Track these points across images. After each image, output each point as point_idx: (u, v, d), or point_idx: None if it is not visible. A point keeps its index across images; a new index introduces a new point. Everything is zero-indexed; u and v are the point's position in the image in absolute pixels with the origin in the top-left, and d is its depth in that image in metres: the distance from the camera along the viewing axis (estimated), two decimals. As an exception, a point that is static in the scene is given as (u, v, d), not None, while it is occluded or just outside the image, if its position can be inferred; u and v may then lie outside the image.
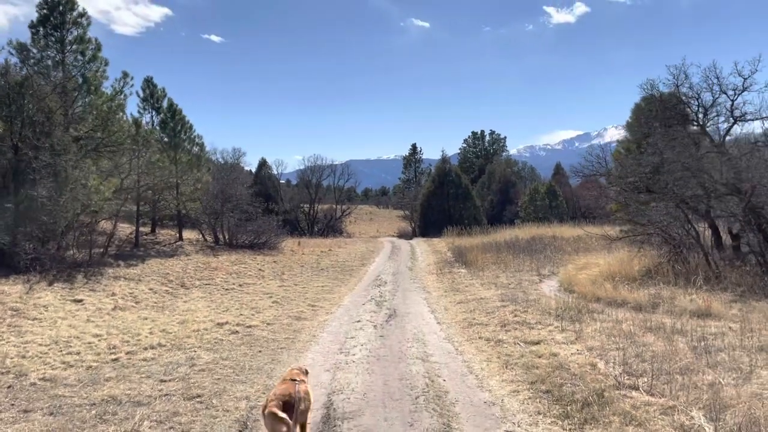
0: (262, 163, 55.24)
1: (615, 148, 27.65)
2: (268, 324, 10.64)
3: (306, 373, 5.32)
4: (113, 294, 14.06)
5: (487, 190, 57.18)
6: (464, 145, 74.53)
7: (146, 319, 11.26)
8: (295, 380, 4.87)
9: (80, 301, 13.08)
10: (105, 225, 21.80)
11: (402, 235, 48.63)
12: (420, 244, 33.12)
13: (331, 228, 52.69)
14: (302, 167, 59.58)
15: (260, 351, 8.37)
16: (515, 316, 10.26)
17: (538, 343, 8.07)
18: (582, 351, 7.40)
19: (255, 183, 50.00)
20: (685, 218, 13.33)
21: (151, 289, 15.20)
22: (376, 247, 31.46)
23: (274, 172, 57.40)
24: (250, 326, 10.37)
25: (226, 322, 10.63)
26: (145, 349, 8.44)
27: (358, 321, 10.78)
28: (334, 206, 57.11)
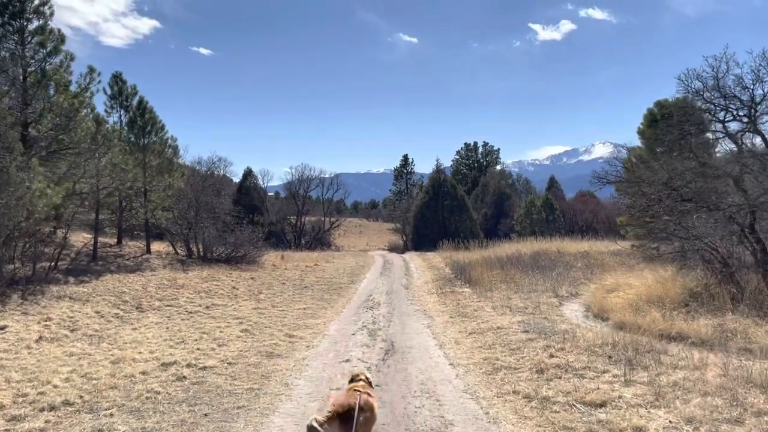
0: (248, 173, 52.68)
1: (626, 157, 25.57)
2: (229, 364, 8.16)
3: (370, 385, 5.08)
4: (48, 319, 11.47)
5: (481, 203, 55.01)
6: (457, 157, 72.49)
7: (72, 355, 8.70)
8: (358, 391, 4.53)
9: (2, 328, 10.51)
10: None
11: (393, 249, 46.22)
12: (414, 259, 30.73)
13: (318, 241, 50.16)
14: (290, 178, 57.17)
15: (206, 414, 5.88)
16: (551, 356, 7.87)
17: (602, 405, 5.67)
18: (678, 425, 5.01)
19: (239, 193, 47.48)
20: (741, 232, 11.10)
21: (97, 312, 12.62)
22: (366, 262, 29.03)
23: (260, 182, 54.86)
24: (204, 368, 7.89)
25: (175, 362, 8.13)
26: (42, 410, 5.91)
27: (347, 360, 8.34)
28: (323, 218, 54.64)
